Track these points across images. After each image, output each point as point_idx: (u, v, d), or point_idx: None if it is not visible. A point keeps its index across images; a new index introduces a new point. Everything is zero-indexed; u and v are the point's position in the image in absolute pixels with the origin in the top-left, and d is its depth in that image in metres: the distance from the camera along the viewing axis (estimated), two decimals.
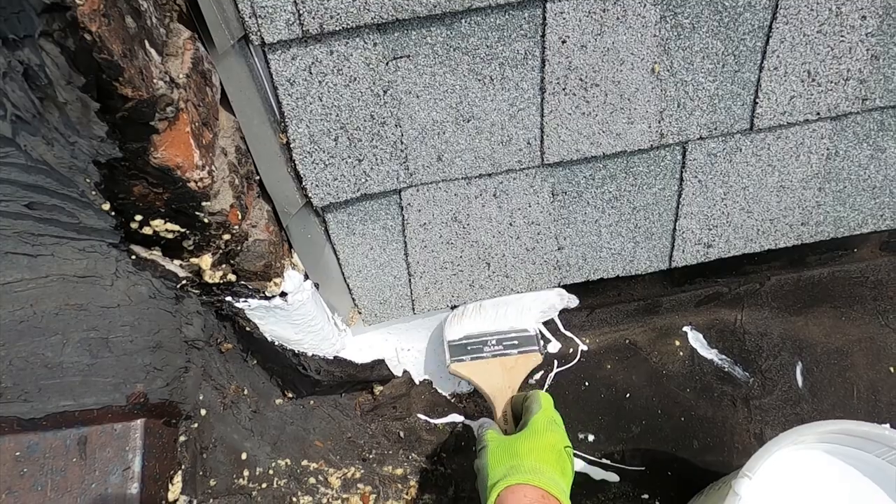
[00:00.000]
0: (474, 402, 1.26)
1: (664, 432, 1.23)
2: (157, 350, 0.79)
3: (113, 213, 0.71)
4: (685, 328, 1.31)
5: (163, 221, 0.75)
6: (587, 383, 1.26)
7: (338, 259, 1.13)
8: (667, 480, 1.19)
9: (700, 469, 1.20)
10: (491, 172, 1.07)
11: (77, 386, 0.74)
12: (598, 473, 1.20)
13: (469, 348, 1.16)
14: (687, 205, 1.13)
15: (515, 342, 1.17)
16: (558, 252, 1.17)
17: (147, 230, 0.76)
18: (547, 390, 1.26)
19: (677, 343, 1.28)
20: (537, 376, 1.27)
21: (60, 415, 0.74)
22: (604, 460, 1.21)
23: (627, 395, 1.26)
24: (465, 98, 0.98)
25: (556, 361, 1.28)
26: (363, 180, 1.03)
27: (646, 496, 1.18)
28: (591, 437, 1.23)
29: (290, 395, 1.14)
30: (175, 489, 0.83)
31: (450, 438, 1.23)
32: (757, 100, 1.03)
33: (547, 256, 1.17)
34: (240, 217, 0.84)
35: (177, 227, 0.77)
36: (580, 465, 1.20)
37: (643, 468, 1.20)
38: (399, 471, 1.20)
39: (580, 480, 1.19)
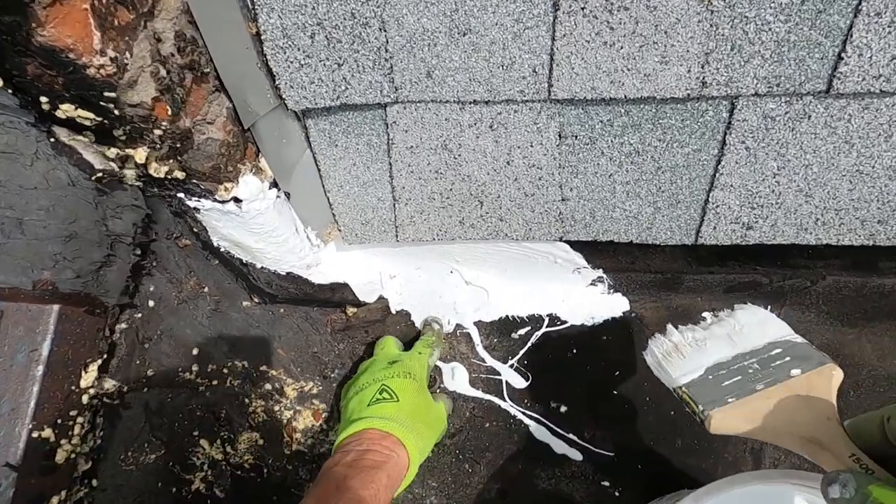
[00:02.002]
0: (449, 343, 1.18)
1: (647, 422, 1.10)
2: (70, 240, 0.76)
3: (12, 91, 0.66)
4: (705, 314, 1.12)
5: (73, 107, 0.70)
6: (575, 350, 1.14)
7: (318, 171, 1.05)
8: (635, 473, 1.08)
9: (676, 470, 1.07)
10: (488, 100, 0.91)
11: None
12: (560, 447, 1.10)
13: (724, 385, 0.74)
14: (727, 174, 0.93)
15: (787, 358, 0.74)
16: (562, 203, 1.02)
17: (60, 113, 0.71)
18: (529, 350, 1.15)
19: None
20: (522, 331, 1.16)
21: None
22: (570, 435, 1.11)
23: (617, 373, 1.13)
24: (462, 5, 0.82)
25: (546, 318, 1.16)
26: (343, 88, 0.91)
27: (606, 483, 1.08)
28: (563, 408, 1.12)
29: (257, 300, 1.12)
30: (89, 377, 0.84)
31: None
32: (843, 54, 0.78)
33: (548, 206, 1.02)
34: (170, 112, 0.76)
35: (91, 115, 0.71)
36: (538, 430, 1.11)
37: (612, 454, 1.09)
38: None
39: (539, 449, 1.11)
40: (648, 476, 1.08)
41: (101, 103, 0.69)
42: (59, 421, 0.79)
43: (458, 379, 1.16)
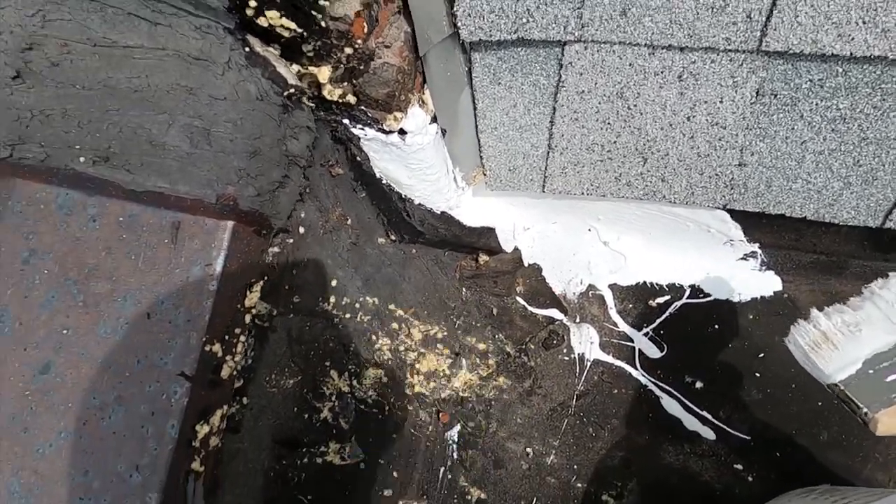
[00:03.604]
0: (581, 305, 1.14)
1: (791, 410, 1.03)
2: (254, 156, 0.75)
3: None
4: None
5: (278, 14, 0.66)
6: (717, 326, 1.08)
7: (475, 109, 0.99)
8: (772, 461, 1.03)
9: (817, 463, 1.01)
10: (685, 46, 0.83)
11: (174, 171, 0.73)
12: (692, 423, 1.06)
13: (890, 381, 0.66)
14: None
15: None
16: (737, 168, 0.94)
17: (263, 21, 0.67)
18: (666, 319, 1.10)
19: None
20: (660, 300, 1.11)
21: (158, 195, 0.74)
22: (704, 413, 1.06)
23: (761, 355, 1.06)
24: None
25: (688, 289, 1.10)
26: (524, 20, 0.85)
27: (739, 467, 1.03)
28: (698, 384, 1.07)
29: (394, 237, 1.10)
30: (253, 297, 0.84)
31: (542, 332, 1.14)
32: None
33: (721, 170, 0.95)
34: (365, 30, 0.72)
35: (293, 25, 0.68)
36: (669, 403, 1.06)
37: (748, 438, 1.04)
38: (482, 346, 1.15)
39: (669, 422, 1.06)
40: (786, 465, 1.02)
41: (312, 12, 0.65)
42: (226, 337, 0.80)
43: (587, 341, 1.12)
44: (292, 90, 0.74)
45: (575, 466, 1.09)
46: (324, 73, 0.76)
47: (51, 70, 0.74)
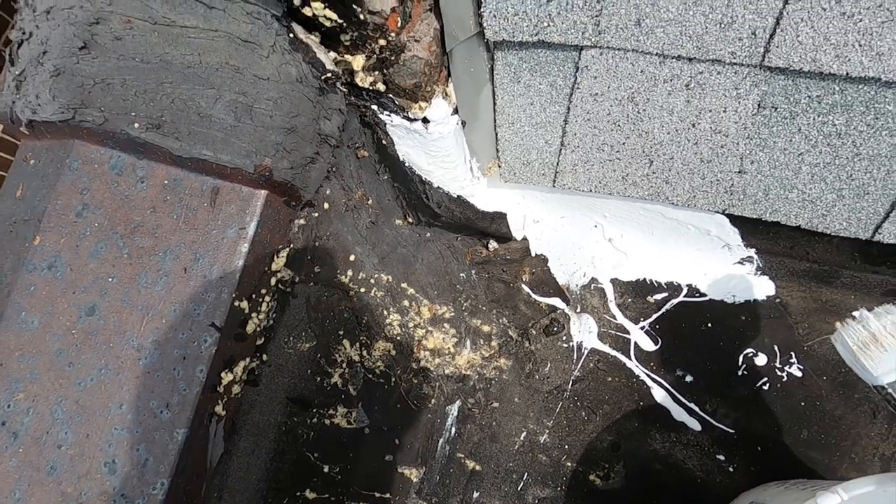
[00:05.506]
0: (582, 297, 1.20)
1: (775, 408, 1.09)
2: (290, 133, 0.82)
3: None
4: (856, 313, 1.09)
5: (322, 5, 0.74)
6: (710, 325, 1.14)
7: (494, 104, 1.06)
8: (753, 454, 1.09)
9: (796, 460, 1.07)
10: (693, 57, 0.89)
11: (218, 141, 0.81)
12: (679, 414, 1.12)
13: None
14: None
15: None
16: (737, 175, 1.00)
17: (307, 11, 0.75)
18: (662, 315, 1.16)
19: (837, 325, 1.08)
20: (658, 296, 1.17)
21: (202, 162, 0.82)
22: (692, 405, 1.12)
23: (749, 353, 1.12)
24: None
25: (685, 288, 1.16)
26: (545, 24, 0.92)
27: (721, 458, 1.09)
28: (689, 378, 1.13)
29: (411, 220, 1.17)
30: (279, 262, 0.92)
31: (544, 319, 1.20)
32: None
33: (722, 175, 1.00)
34: (399, 24, 0.79)
35: (334, 16, 0.75)
36: (660, 394, 1.12)
37: (732, 431, 1.10)
38: (486, 328, 1.22)
39: (658, 412, 1.13)
40: (766, 459, 1.08)
41: (353, 5, 0.72)
42: (252, 295, 0.88)
43: (585, 331, 1.18)
44: (329, 75, 0.81)
45: (566, 447, 1.15)
46: (358, 61, 0.84)
47: (114, 43, 0.82)
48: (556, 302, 1.22)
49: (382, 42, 0.80)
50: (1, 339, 0.85)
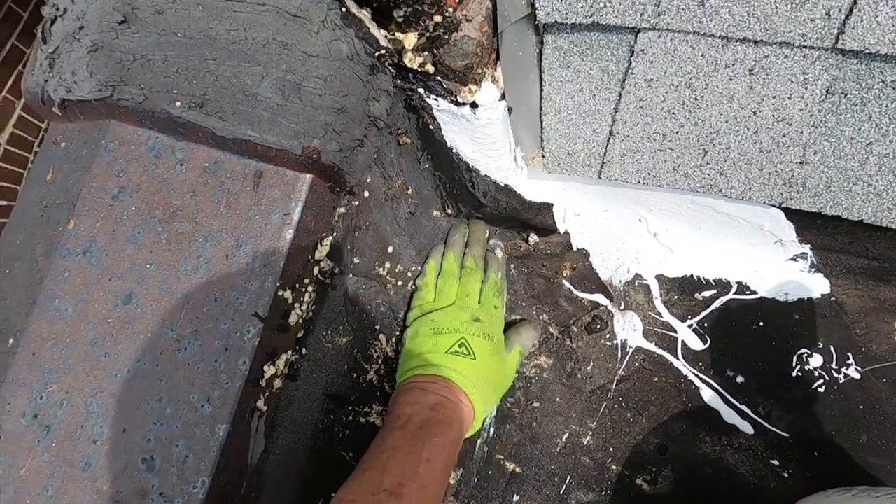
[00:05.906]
0: (626, 293, 1.15)
1: (830, 412, 1.04)
2: (340, 113, 0.78)
3: None
4: None
5: None
6: (762, 324, 1.09)
7: (541, 90, 1.02)
8: (810, 459, 1.04)
9: (856, 466, 1.02)
10: (759, 39, 0.85)
11: (264, 121, 0.77)
12: (730, 416, 1.07)
13: None
14: None
15: None
16: (798, 166, 0.95)
17: None
18: (711, 313, 1.11)
19: None
20: (706, 294, 1.12)
21: (245, 143, 0.78)
22: (744, 407, 1.07)
23: (804, 354, 1.07)
24: None
25: (734, 285, 1.11)
26: (601, 4, 0.87)
27: (775, 462, 1.04)
28: (740, 379, 1.08)
29: (450, 211, 1.13)
30: (322, 251, 0.87)
31: (586, 316, 1.16)
32: None
33: (781, 166, 0.96)
34: (457, 0, 0.75)
35: None
36: (709, 395, 1.08)
37: (787, 435, 1.05)
38: None
39: (708, 414, 1.08)
40: (823, 465, 1.03)
41: None
42: (296, 285, 0.83)
43: (630, 328, 1.14)
44: (383, 51, 0.77)
45: (611, 449, 1.11)
46: (410, 39, 0.80)
47: (155, 17, 0.78)
48: (599, 298, 1.17)
49: (438, 18, 0.76)
50: (33, 327, 0.82)
